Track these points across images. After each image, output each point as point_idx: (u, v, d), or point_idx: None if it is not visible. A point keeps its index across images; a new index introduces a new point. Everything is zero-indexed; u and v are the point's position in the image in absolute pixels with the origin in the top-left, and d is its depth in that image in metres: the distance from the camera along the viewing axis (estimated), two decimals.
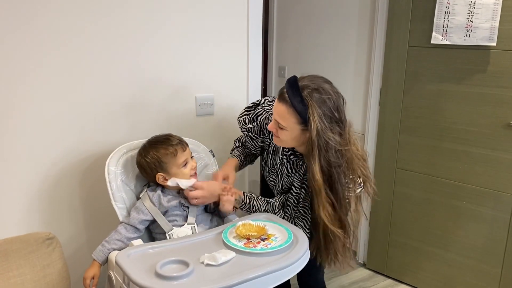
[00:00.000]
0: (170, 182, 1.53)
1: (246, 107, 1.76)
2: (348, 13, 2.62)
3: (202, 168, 1.78)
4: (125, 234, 1.49)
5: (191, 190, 1.55)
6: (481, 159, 2.11)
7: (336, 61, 2.75)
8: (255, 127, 1.70)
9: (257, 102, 1.75)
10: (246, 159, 1.83)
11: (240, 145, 1.85)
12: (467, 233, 2.22)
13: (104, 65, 1.70)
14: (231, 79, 2.05)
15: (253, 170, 2.18)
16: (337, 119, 1.41)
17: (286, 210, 1.64)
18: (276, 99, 1.47)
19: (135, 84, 1.79)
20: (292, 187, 1.61)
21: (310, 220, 1.59)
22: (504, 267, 2.13)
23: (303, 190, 1.59)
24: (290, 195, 1.62)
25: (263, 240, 1.40)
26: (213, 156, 1.81)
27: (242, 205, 1.63)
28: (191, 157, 1.60)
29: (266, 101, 1.73)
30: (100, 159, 1.71)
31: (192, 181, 1.55)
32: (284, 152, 1.62)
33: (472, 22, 1.98)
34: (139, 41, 1.76)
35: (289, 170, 1.62)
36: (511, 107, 1.98)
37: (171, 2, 1.80)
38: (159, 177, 1.54)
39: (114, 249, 1.47)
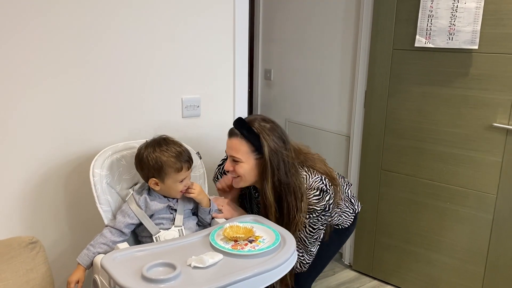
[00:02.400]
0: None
1: (217, 165, 1.90)
2: (333, 16, 2.64)
3: None
4: (111, 237, 1.47)
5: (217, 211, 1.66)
6: (465, 161, 2.14)
7: (321, 64, 2.77)
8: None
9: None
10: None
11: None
12: (451, 234, 2.25)
13: (91, 67, 1.69)
14: (218, 81, 2.05)
15: None
16: (284, 139, 1.59)
17: None
18: (228, 137, 1.60)
19: (120, 86, 1.78)
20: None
21: None
22: (487, 267, 2.16)
23: None
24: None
25: (250, 242, 1.40)
26: (200, 158, 1.80)
27: None
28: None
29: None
30: (85, 162, 1.69)
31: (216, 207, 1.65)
32: (255, 197, 1.74)
33: (454, 25, 2.02)
34: (125, 43, 1.75)
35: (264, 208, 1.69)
36: (493, 109, 2.02)
37: (157, 5, 1.79)
38: (152, 181, 1.52)
39: (99, 253, 1.45)
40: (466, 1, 1.96)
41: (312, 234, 1.62)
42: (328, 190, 1.58)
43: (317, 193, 1.57)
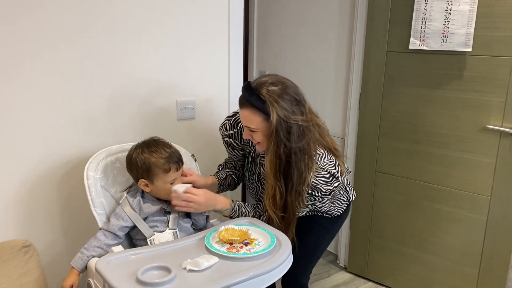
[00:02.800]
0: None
1: (227, 116, 1.77)
2: (328, 18, 2.65)
3: None
4: (105, 240, 1.46)
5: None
6: (459, 162, 2.15)
7: (316, 67, 2.77)
8: (236, 133, 1.70)
9: (237, 112, 1.74)
10: (225, 180, 1.82)
11: (221, 168, 1.87)
12: (445, 235, 2.26)
13: (85, 69, 1.68)
14: (213, 83, 2.04)
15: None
16: (298, 101, 1.48)
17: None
18: (239, 108, 1.52)
19: (115, 88, 1.77)
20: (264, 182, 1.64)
21: None
22: (481, 268, 2.17)
23: None
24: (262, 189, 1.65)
25: (246, 244, 1.39)
26: (195, 161, 1.80)
27: (232, 213, 1.63)
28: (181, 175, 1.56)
29: None
30: (79, 164, 1.68)
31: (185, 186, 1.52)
32: (262, 154, 1.64)
33: (448, 28, 2.03)
34: (119, 46, 1.74)
35: None
36: (487, 111, 2.03)
37: (151, 8, 1.78)
38: (141, 183, 1.51)
39: (93, 256, 1.44)
40: (460, 4, 1.98)
41: (317, 200, 1.59)
42: (338, 178, 1.55)
43: (327, 175, 1.53)
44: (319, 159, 1.53)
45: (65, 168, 1.71)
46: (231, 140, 1.72)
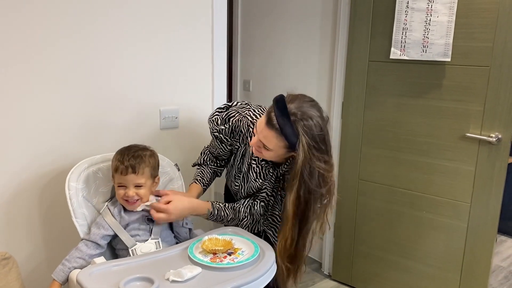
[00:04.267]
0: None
1: (218, 108, 1.70)
2: (310, 29, 2.68)
3: (167, 183, 1.75)
4: (86, 251, 1.45)
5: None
6: (439, 170, 2.19)
7: (299, 76, 2.80)
8: (227, 129, 1.64)
9: (229, 104, 1.70)
10: (210, 180, 1.80)
11: (202, 161, 1.81)
12: (428, 242, 2.29)
13: (68, 79, 1.66)
14: (196, 92, 2.04)
15: (219, 181, 2.17)
16: (324, 146, 1.40)
17: (254, 214, 1.63)
18: (264, 117, 1.42)
19: (98, 97, 1.76)
20: (264, 193, 1.62)
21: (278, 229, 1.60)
22: (463, 274, 2.20)
23: (272, 198, 1.61)
24: (259, 199, 1.63)
25: (229, 254, 1.39)
26: (178, 170, 1.79)
27: (210, 216, 1.60)
28: (138, 186, 1.49)
29: (239, 103, 1.69)
30: (61, 174, 1.66)
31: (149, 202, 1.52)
32: (254, 157, 1.60)
33: (428, 38, 2.07)
34: (103, 56, 1.73)
35: (258, 175, 1.61)
36: (466, 120, 2.07)
37: (134, 16, 1.78)
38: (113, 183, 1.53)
39: (75, 268, 1.42)
40: (439, 15, 2.02)
41: None
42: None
43: None
44: None
45: (46, 178, 1.69)
46: (221, 135, 1.66)
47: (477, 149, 2.06)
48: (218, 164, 1.82)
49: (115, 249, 1.55)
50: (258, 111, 1.64)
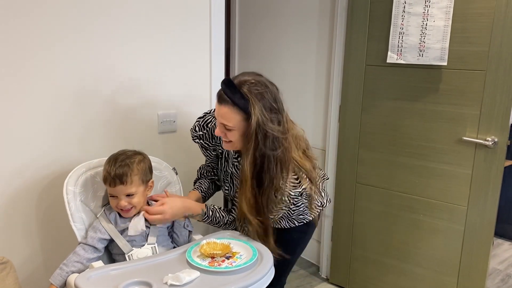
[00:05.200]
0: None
1: (198, 117, 1.73)
2: (308, 33, 2.69)
3: (165, 186, 1.75)
4: (84, 255, 1.44)
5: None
6: (436, 173, 2.20)
7: (297, 80, 2.81)
8: (206, 134, 1.68)
9: (207, 112, 1.73)
10: (208, 189, 1.81)
11: (200, 175, 1.85)
12: (425, 245, 2.30)
13: (64, 82, 1.67)
14: (194, 96, 2.05)
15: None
16: (276, 109, 1.45)
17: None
18: (216, 101, 1.47)
19: (96, 101, 1.76)
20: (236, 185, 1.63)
21: None
22: (460, 277, 2.20)
23: None
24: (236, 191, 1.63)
25: (227, 258, 1.39)
26: (176, 174, 1.79)
27: (205, 217, 1.61)
28: (130, 195, 1.49)
29: (213, 111, 1.69)
30: (58, 178, 1.66)
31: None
32: (234, 156, 1.63)
33: (424, 42, 2.08)
34: (100, 59, 1.73)
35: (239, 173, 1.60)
36: (463, 123, 2.08)
37: (132, 20, 1.79)
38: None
39: (73, 272, 1.42)
40: (435, 20, 2.03)
41: (294, 209, 1.60)
42: (304, 193, 1.56)
43: (295, 178, 1.53)
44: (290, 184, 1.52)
45: (43, 182, 1.69)
46: (201, 141, 1.70)
47: (474, 153, 2.07)
48: (212, 174, 1.83)
49: (112, 254, 1.55)
50: None
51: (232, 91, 1.42)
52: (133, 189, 1.48)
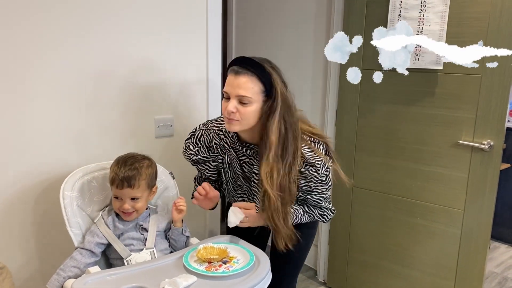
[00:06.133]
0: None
1: (185, 140, 1.73)
2: (304, 37, 2.70)
3: (162, 191, 1.75)
4: (81, 259, 1.44)
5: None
6: (433, 177, 2.20)
7: (294, 84, 2.78)
8: (202, 148, 1.67)
9: (193, 131, 1.73)
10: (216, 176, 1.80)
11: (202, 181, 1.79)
12: (422, 249, 2.30)
13: (60, 86, 1.67)
14: (191, 101, 2.05)
15: None
16: (286, 84, 1.53)
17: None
18: (231, 75, 1.46)
19: (91, 105, 1.76)
20: (252, 176, 1.61)
21: None
22: (457, 280, 2.21)
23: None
24: (252, 185, 1.62)
25: (224, 263, 1.39)
26: (173, 178, 1.79)
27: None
28: (135, 199, 1.50)
29: (200, 125, 1.72)
30: (55, 183, 1.66)
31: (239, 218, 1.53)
32: (241, 152, 1.60)
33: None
34: (97, 63, 1.74)
35: (254, 164, 1.59)
36: (459, 127, 2.09)
37: (129, 25, 1.79)
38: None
39: (69, 277, 1.41)
40: (431, 24, 2.05)
41: (324, 192, 1.58)
42: (329, 153, 1.56)
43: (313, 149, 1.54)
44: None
45: (40, 187, 1.69)
46: (199, 157, 1.68)
47: (470, 156, 2.08)
48: (211, 182, 1.79)
49: (109, 258, 1.54)
50: (219, 119, 1.67)
51: (249, 63, 1.44)
52: (139, 194, 1.49)
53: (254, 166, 1.60)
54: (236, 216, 1.51)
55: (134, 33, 1.81)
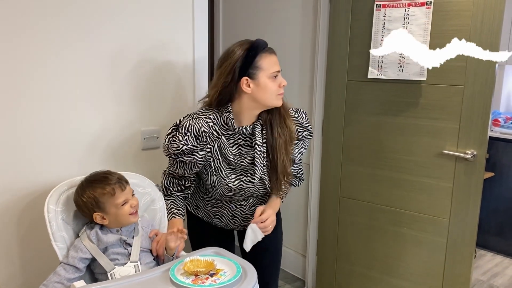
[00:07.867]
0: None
1: (168, 133, 1.64)
2: (290, 48, 2.73)
3: (149, 203, 1.74)
4: (65, 275, 1.42)
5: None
6: (418, 187, 2.23)
7: None
8: (189, 137, 1.58)
9: (175, 124, 1.64)
10: (184, 206, 1.78)
11: (167, 192, 1.77)
12: (408, 258, 2.32)
13: (45, 98, 1.66)
14: (177, 112, 2.05)
15: None
16: None
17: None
18: (271, 54, 1.66)
19: (77, 118, 1.75)
20: (244, 162, 1.67)
21: None
22: None
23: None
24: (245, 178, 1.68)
25: (211, 275, 1.38)
26: (159, 190, 1.78)
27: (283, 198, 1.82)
28: (132, 195, 1.53)
29: (182, 118, 1.64)
30: (40, 197, 1.64)
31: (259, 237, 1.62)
32: (232, 139, 1.66)
33: (404, 58, 2.13)
34: (81, 74, 1.73)
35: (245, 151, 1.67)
36: (443, 137, 2.12)
37: (115, 36, 1.79)
38: (97, 217, 1.48)
39: None
40: (414, 36, 2.08)
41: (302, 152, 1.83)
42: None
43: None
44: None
45: (24, 200, 1.67)
46: (188, 146, 1.58)
47: (454, 166, 2.11)
48: (183, 188, 1.75)
49: (94, 273, 1.52)
50: (201, 110, 1.66)
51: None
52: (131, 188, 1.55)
53: (246, 153, 1.67)
54: (256, 237, 1.61)
55: (118, 42, 1.81)
